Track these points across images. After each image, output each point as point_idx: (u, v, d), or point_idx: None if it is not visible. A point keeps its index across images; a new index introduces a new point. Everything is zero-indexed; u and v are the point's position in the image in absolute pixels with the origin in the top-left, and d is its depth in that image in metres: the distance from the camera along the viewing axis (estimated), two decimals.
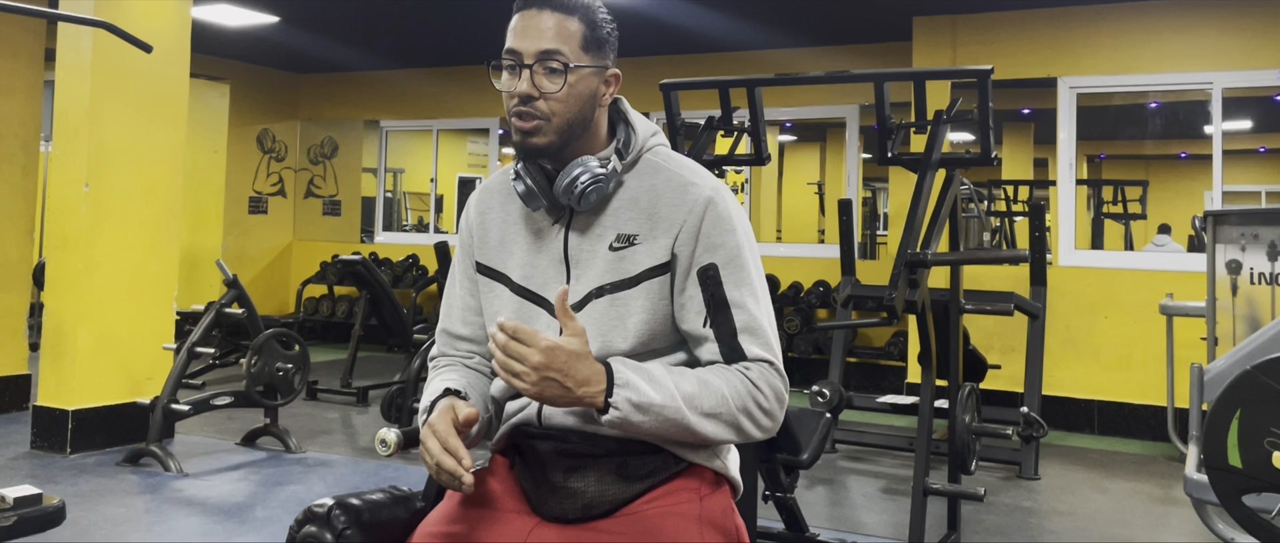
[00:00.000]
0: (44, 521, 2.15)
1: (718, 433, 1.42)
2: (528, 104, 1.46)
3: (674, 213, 1.47)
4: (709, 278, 1.45)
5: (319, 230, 9.86)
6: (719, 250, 1.46)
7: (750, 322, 1.45)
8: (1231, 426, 2.27)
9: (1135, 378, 5.89)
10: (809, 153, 12.85)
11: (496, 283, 1.58)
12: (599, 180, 1.47)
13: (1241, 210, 4.72)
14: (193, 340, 4.75)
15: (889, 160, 3.83)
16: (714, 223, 1.47)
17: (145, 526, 3.69)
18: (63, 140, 4.70)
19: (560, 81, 1.46)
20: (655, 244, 1.47)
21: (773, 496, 3.23)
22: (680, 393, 1.38)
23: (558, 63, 1.46)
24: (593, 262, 1.49)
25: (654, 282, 1.47)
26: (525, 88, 1.45)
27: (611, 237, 1.49)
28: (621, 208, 1.50)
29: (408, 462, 4.66)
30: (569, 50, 1.46)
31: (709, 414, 1.40)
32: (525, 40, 1.46)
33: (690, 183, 1.49)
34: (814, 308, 7.18)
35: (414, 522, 1.59)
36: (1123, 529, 4.02)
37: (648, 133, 1.56)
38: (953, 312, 3.52)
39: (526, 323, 1.52)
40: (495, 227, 1.60)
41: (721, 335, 1.45)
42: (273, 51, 8.74)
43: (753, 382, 1.43)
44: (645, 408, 1.37)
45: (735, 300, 1.45)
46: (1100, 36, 6.19)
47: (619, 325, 1.47)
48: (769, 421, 1.44)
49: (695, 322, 1.46)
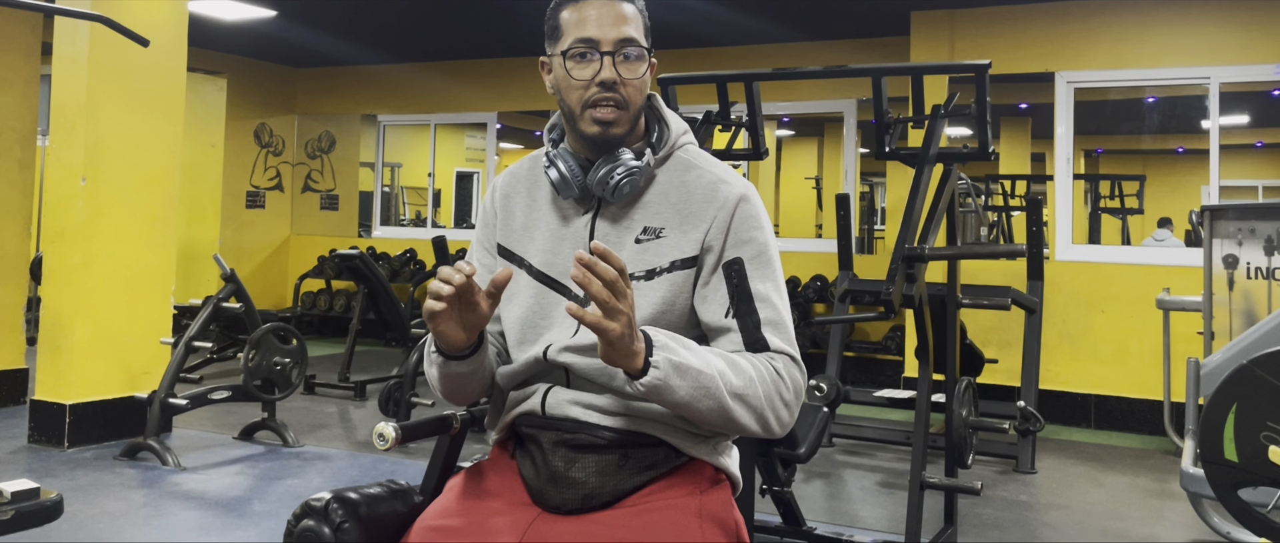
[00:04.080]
0: (41, 515, 2.14)
1: (743, 417, 1.40)
2: (612, 91, 1.46)
3: (705, 208, 1.48)
4: (735, 271, 1.47)
5: (316, 225, 9.85)
6: (747, 245, 1.48)
7: (774, 316, 1.47)
8: (1228, 420, 2.27)
9: (1132, 372, 5.90)
10: (807, 147, 12.85)
11: (515, 267, 1.58)
12: (634, 173, 1.48)
13: (1238, 205, 4.73)
14: (190, 335, 4.75)
15: (887, 155, 3.84)
16: (744, 219, 1.48)
17: (143, 520, 3.70)
18: (60, 135, 4.70)
19: (641, 67, 1.49)
20: (684, 239, 1.48)
21: (770, 489, 3.24)
22: (714, 367, 1.37)
23: (636, 49, 1.48)
24: (618, 252, 1.50)
25: (677, 275, 1.48)
26: (610, 74, 1.46)
27: (638, 229, 1.50)
28: (651, 202, 1.51)
29: (406, 456, 4.66)
30: (641, 37, 1.49)
31: (738, 395, 1.39)
32: (603, 28, 1.47)
33: (722, 181, 1.51)
34: (811, 302, 7.19)
35: (412, 516, 1.59)
36: (1119, 523, 4.03)
37: (680, 130, 1.57)
38: (950, 306, 3.52)
39: (545, 310, 1.53)
40: (520, 211, 1.61)
41: (745, 326, 1.46)
42: (270, 45, 8.73)
43: (778, 372, 1.44)
44: (684, 371, 1.34)
45: (760, 294, 1.47)
46: (1098, 31, 6.19)
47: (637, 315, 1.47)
48: (788, 414, 1.45)
49: (716, 313, 1.47)
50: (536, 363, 1.52)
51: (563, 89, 1.51)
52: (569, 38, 1.48)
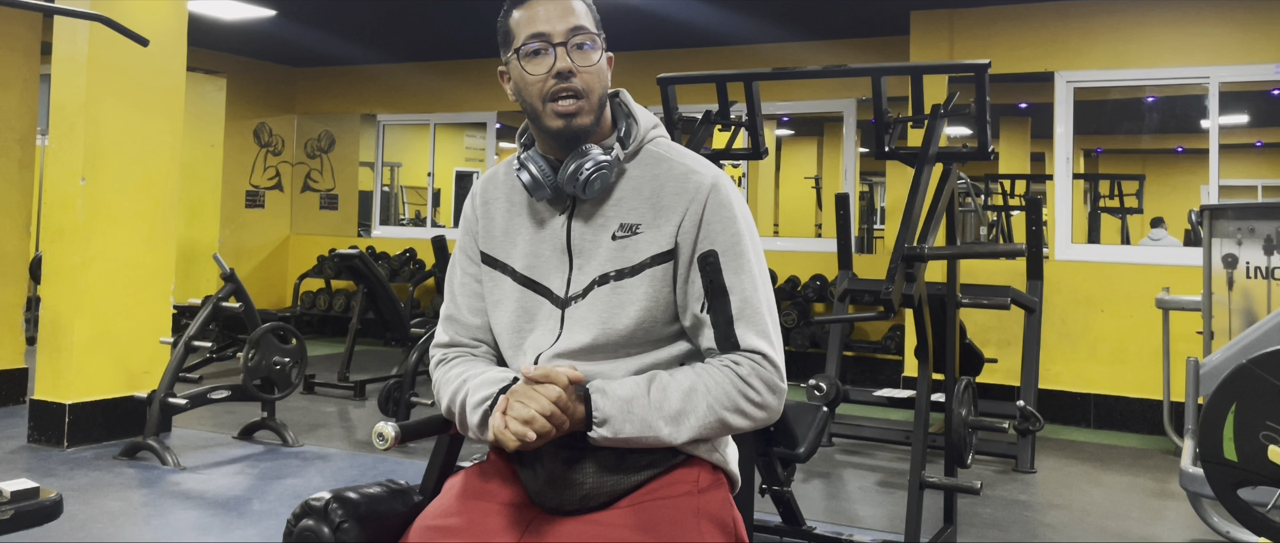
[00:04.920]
0: (41, 514, 2.14)
1: (706, 436, 1.46)
2: (567, 81, 1.47)
3: (676, 201, 1.48)
4: (708, 265, 1.47)
5: (316, 224, 9.85)
6: (720, 237, 1.47)
7: (745, 308, 1.46)
8: (1227, 419, 2.28)
9: (1131, 372, 5.90)
10: (806, 147, 12.85)
11: (500, 273, 1.59)
12: (603, 167, 1.48)
13: (1238, 205, 4.72)
14: (190, 334, 4.75)
15: (886, 154, 3.84)
16: (716, 210, 1.48)
17: (142, 519, 3.69)
18: (59, 134, 4.70)
19: (595, 55, 1.50)
20: (658, 232, 1.48)
21: (769, 489, 3.24)
22: (661, 414, 1.42)
23: (587, 38, 1.49)
24: (595, 251, 1.50)
25: (656, 270, 1.48)
26: (565, 63, 1.47)
27: (614, 226, 1.50)
28: (624, 197, 1.51)
29: (405, 455, 4.66)
30: (592, 27, 1.51)
31: (694, 426, 1.43)
32: (553, 22, 1.48)
33: (693, 171, 1.51)
34: (811, 302, 7.19)
35: (412, 515, 1.59)
36: (1118, 523, 4.03)
37: (649, 124, 1.57)
38: (949, 306, 3.52)
39: (529, 314, 1.54)
40: (499, 217, 1.61)
41: (717, 322, 1.46)
42: (269, 45, 8.72)
43: (742, 379, 1.44)
44: (624, 440, 1.43)
45: (732, 286, 1.47)
46: (1097, 31, 6.19)
47: (619, 313, 1.47)
48: (763, 412, 1.45)
49: (696, 307, 1.48)
50: None
51: (522, 89, 1.52)
52: (521, 36, 1.50)
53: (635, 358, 1.49)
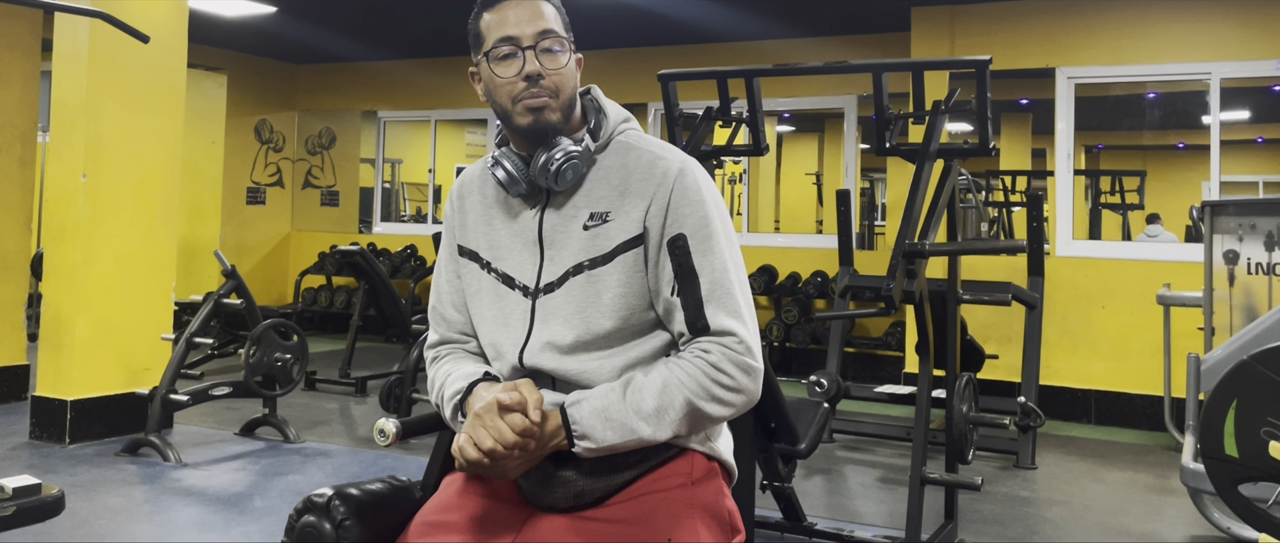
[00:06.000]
0: (43, 511, 2.14)
1: (689, 428, 1.46)
2: (536, 84, 1.49)
3: (644, 187, 1.50)
4: (678, 248, 1.48)
5: (317, 221, 9.85)
6: (688, 221, 1.48)
7: (715, 289, 1.47)
8: (1228, 415, 2.28)
9: (1132, 368, 5.90)
10: (807, 143, 12.85)
11: (474, 265, 1.61)
12: (574, 157, 1.50)
13: (1239, 201, 4.72)
14: (191, 331, 4.75)
15: (887, 151, 3.84)
16: (682, 194, 1.49)
17: (144, 516, 3.70)
18: (60, 131, 4.70)
19: (563, 58, 1.51)
20: (627, 219, 1.49)
21: (770, 485, 3.24)
22: (640, 415, 1.43)
23: (556, 41, 1.51)
24: (567, 242, 1.52)
25: (628, 256, 1.49)
26: (533, 67, 1.49)
27: (585, 216, 1.51)
28: (594, 187, 1.53)
29: (406, 452, 4.66)
30: (561, 30, 1.53)
31: (674, 420, 1.44)
32: (522, 25, 1.50)
33: (660, 157, 1.52)
34: (812, 298, 7.19)
35: (413, 511, 1.60)
36: (1119, 519, 4.03)
37: (619, 118, 1.59)
38: (950, 302, 3.52)
39: (504, 309, 1.56)
40: (474, 211, 1.63)
41: (687, 304, 1.47)
42: (270, 42, 8.72)
43: (713, 366, 1.44)
44: (609, 448, 1.44)
45: (701, 268, 1.47)
46: (1098, 27, 6.18)
47: (596, 302, 1.48)
48: (741, 395, 1.46)
49: (666, 291, 1.49)
50: (516, 371, 1.53)
51: (492, 91, 1.54)
52: (491, 39, 1.52)
53: (619, 352, 1.49)
